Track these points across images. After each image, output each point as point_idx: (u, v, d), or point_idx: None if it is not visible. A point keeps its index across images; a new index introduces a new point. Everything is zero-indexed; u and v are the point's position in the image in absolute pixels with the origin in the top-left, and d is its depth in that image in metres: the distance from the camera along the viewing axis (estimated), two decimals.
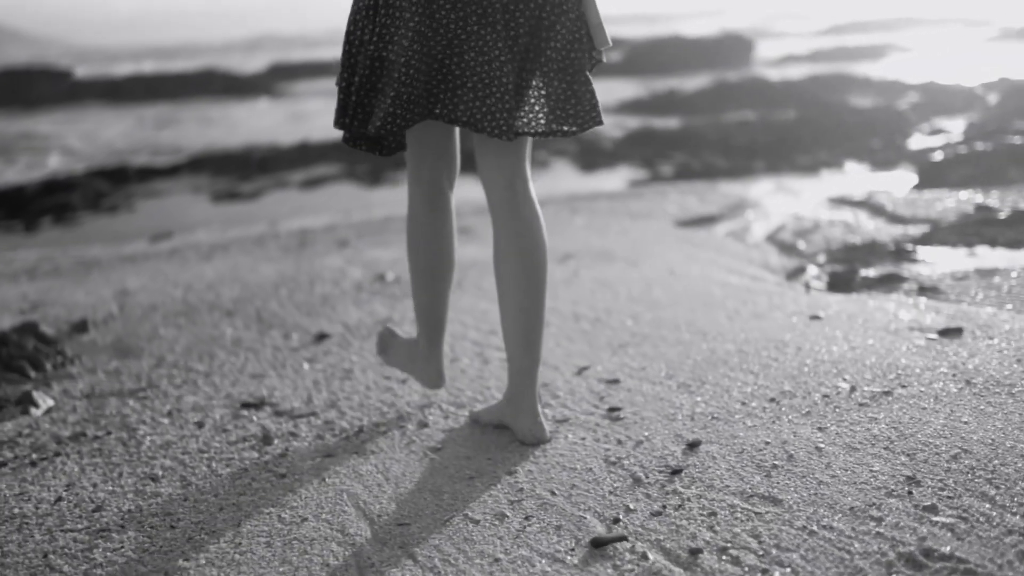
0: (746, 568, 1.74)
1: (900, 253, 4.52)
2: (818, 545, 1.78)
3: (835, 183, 8.37)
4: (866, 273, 4.17)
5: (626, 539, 1.88)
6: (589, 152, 12.30)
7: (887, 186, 7.56)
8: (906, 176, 8.32)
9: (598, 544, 1.87)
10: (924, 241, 4.75)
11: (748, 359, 2.99)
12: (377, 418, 2.79)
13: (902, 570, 1.68)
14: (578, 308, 3.89)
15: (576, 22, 2.31)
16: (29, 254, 7.38)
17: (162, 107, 28.48)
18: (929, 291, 3.75)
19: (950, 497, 1.90)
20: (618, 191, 8.70)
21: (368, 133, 2.29)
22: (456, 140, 2.62)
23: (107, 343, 4.01)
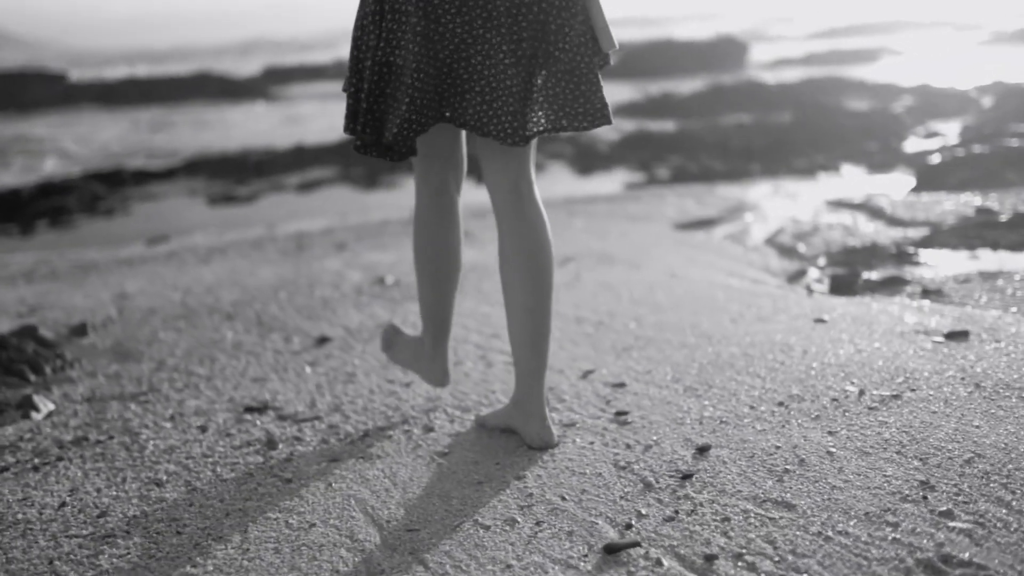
0: (763, 574, 1.72)
1: (902, 256, 4.51)
2: (835, 551, 1.76)
3: (832, 186, 8.37)
4: (868, 276, 4.16)
5: (639, 545, 1.86)
6: (585, 155, 12.30)
7: (885, 189, 7.55)
8: (903, 179, 8.32)
9: (611, 550, 1.85)
10: (925, 244, 4.74)
11: (754, 362, 2.97)
12: (382, 422, 2.77)
13: None
14: (580, 311, 3.87)
15: (584, 24, 2.30)
16: (25, 257, 7.35)
17: (157, 110, 28.44)
18: (933, 294, 3.74)
19: (966, 502, 1.88)
20: (615, 194, 8.69)
21: (385, 141, 2.27)
22: (463, 143, 2.61)
23: (107, 346, 3.98)
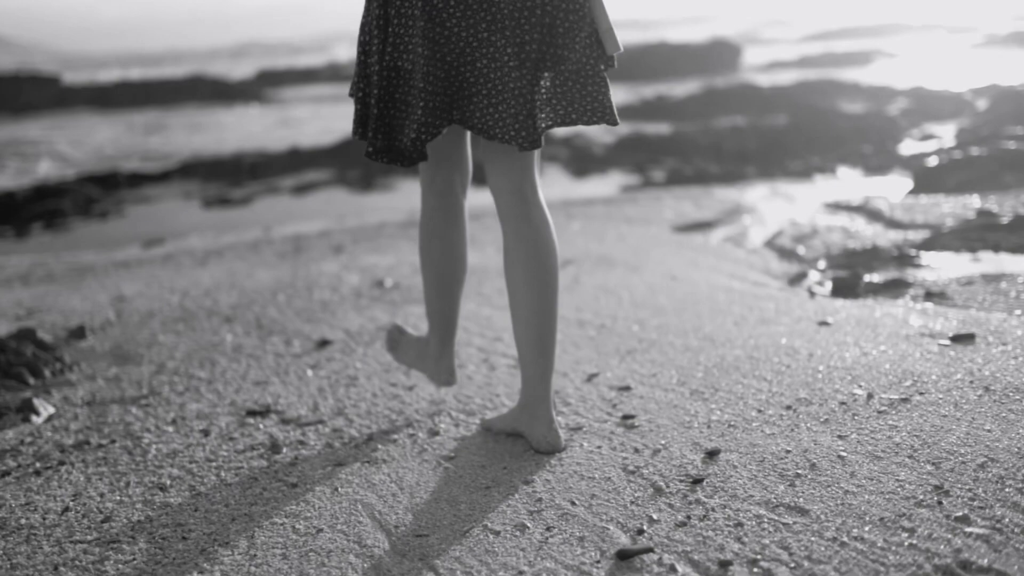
0: None
1: (903, 258, 4.50)
2: (851, 557, 1.74)
3: (829, 188, 8.36)
4: (870, 278, 4.15)
5: (653, 551, 1.84)
6: (580, 158, 12.28)
7: (882, 191, 7.55)
8: (900, 181, 8.31)
9: (624, 556, 1.82)
10: (926, 246, 4.73)
11: (759, 365, 2.96)
12: (386, 426, 2.75)
13: None
14: (582, 314, 3.86)
15: (591, 26, 2.29)
16: (21, 260, 7.31)
17: (151, 113, 28.37)
18: (936, 297, 3.73)
19: (981, 507, 1.86)
20: (612, 196, 8.67)
21: (403, 146, 2.26)
22: (468, 146, 2.61)
23: (106, 349, 3.96)
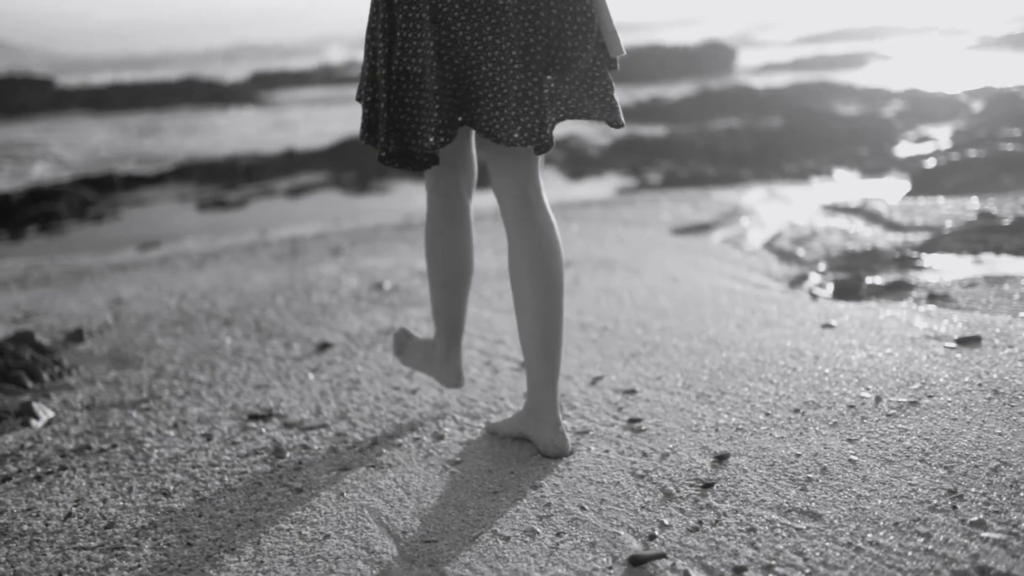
0: None
1: (905, 260, 4.48)
2: (867, 562, 1.72)
3: (826, 190, 8.36)
4: (872, 281, 4.13)
5: (665, 556, 1.82)
6: (576, 160, 12.27)
7: (880, 193, 7.54)
8: (898, 183, 8.31)
9: (637, 562, 1.80)
10: (928, 248, 4.72)
11: (765, 368, 2.94)
12: (390, 430, 2.73)
13: None
14: (584, 317, 3.84)
15: (596, 28, 2.29)
16: (17, 263, 7.27)
17: (145, 115, 28.31)
18: (939, 299, 3.71)
19: (996, 512, 1.85)
20: (608, 199, 8.66)
21: (418, 150, 2.25)
22: (473, 148, 2.60)
23: (104, 353, 3.93)
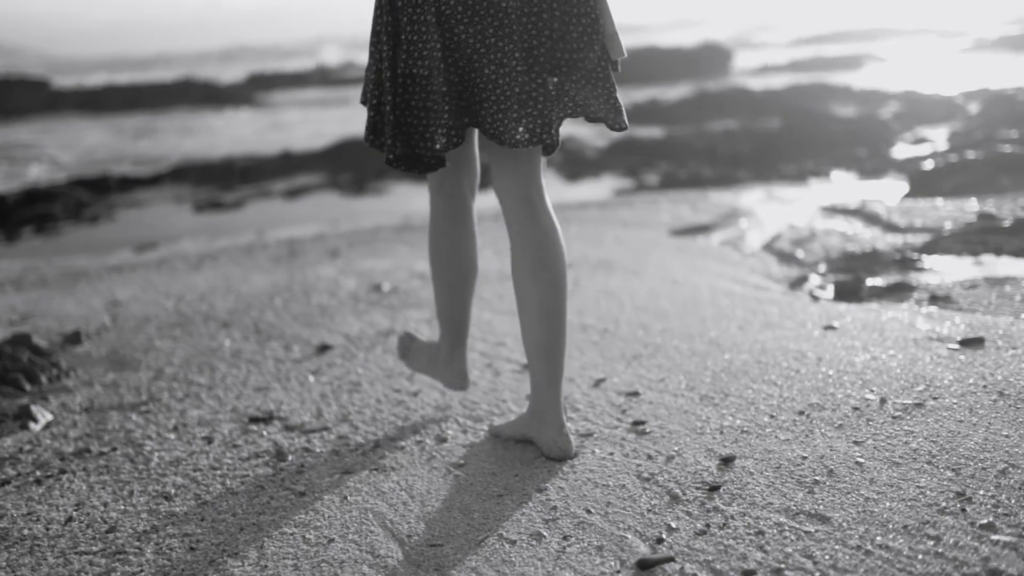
0: None
1: (905, 262, 4.47)
2: (877, 566, 1.70)
3: (825, 192, 8.35)
4: (873, 282, 4.12)
5: (674, 560, 1.81)
6: (573, 162, 12.25)
7: (878, 195, 7.54)
8: (896, 185, 8.30)
9: (645, 566, 1.79)
10: (928, 249, 4.71)
11: (768, 370, 2.93)
12: (393, 432, 2.71)
13: None
14: (584, 319, 3.82)
15: (602, 30, 2.28)
16: (13, 264, 7.23)
17: (141, 117, 28.24)
18: (941, 300, 3.70)
19: (1006, 515, 1.83)
20: (606, 200, 8.64)
21: (426, 152, 2.24)
22: (476, 149, 2.59)
23: (102, 355, 3.91)
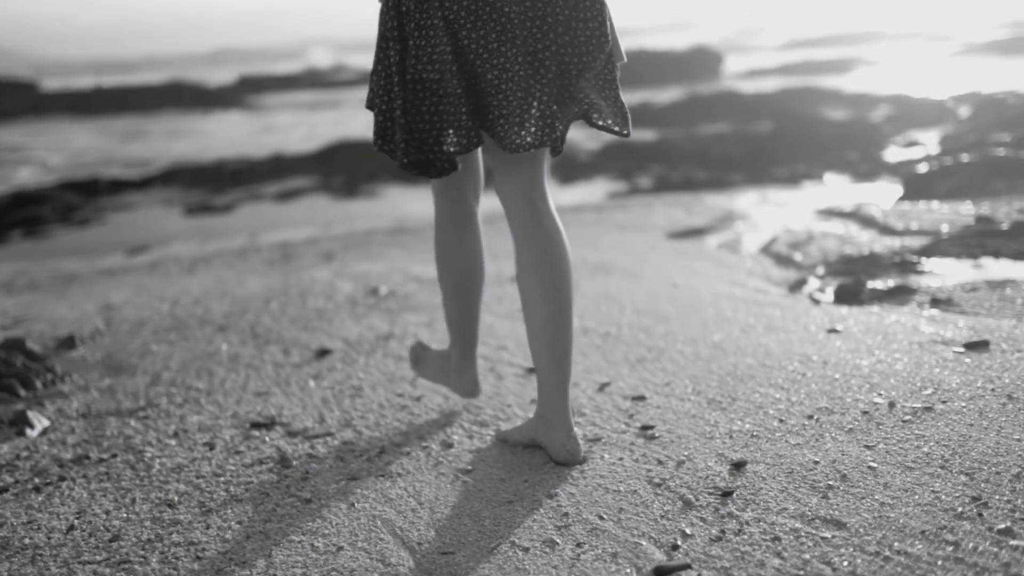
0: None
1: (905, 265, 4.46)
2: (896, 572, 1.68)
3: (818, 195, 8.35)
4: (874, 285, 4.11)
5: (690, 567, 1.78)
6: (566, 165, 12.25)
7: (872, 198, 7.54)
8: (889, 188, 8.31)
9: (662, 573, 1.77)
10: (927, 252, 4.70)
11: (774, 374, 2.91)
12: (398, 438, 2.68)
13: None
14: (586, 322, 3.80)
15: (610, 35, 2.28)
16: (2, 268, 7.19)
17: (129, 119, 28.14)
18: (943, 303, 3.69)
19: (1023, 519, 1.82)
20: (600, 203, 8.63)
21: (441, 156, 2.23)
22: (479, 153, 2.58)
23: (97, 360, 3.87)
